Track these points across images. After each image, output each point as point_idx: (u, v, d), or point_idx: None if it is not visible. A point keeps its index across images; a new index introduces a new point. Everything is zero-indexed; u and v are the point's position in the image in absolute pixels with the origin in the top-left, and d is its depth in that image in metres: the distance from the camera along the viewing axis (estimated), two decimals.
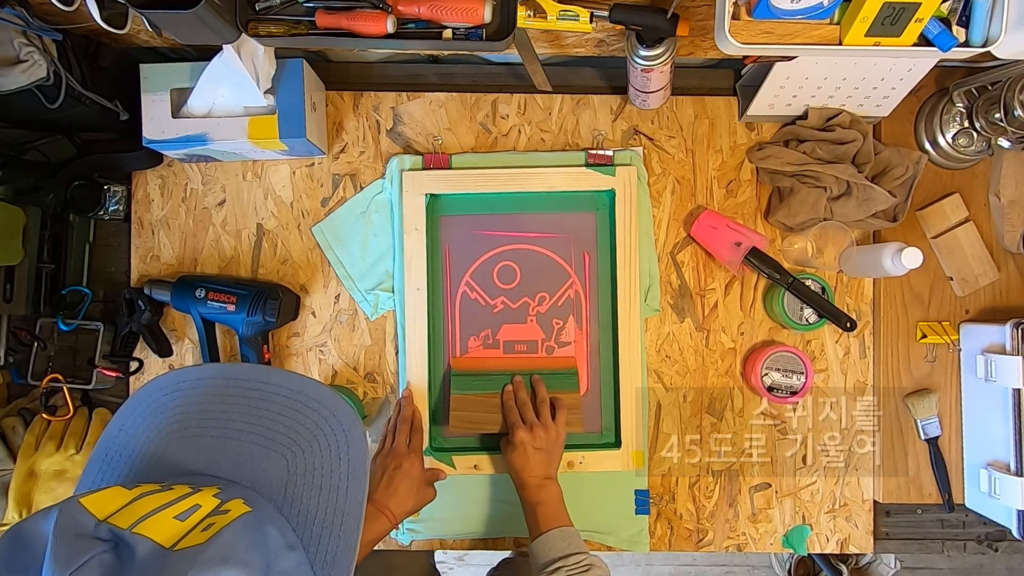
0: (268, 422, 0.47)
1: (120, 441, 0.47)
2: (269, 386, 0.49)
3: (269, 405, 0.48)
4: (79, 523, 0.35)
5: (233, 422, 0.47)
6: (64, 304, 0.94)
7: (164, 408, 0.48)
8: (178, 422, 0.47)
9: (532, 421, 0.87)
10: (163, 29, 0.73)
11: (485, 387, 0.93)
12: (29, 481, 0.85)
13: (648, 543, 0.96)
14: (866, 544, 0.97)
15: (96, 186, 0.92)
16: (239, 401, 0.48)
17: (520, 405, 0.90)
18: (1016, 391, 0.86)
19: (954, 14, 0.70)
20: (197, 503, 0.39)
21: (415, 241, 0.94)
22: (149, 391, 0.50)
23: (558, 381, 0.94)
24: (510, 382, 0.93)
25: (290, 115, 0.86)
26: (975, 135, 0.92)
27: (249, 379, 0.49)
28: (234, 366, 0.51)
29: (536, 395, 0.92)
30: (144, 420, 0.48)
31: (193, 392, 0.49)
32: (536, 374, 0.94)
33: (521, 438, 0.85)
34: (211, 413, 0.48)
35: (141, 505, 0.37)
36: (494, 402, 0.92)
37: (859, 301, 0.97)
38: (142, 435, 0.47)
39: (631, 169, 0.94)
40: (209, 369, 0.52)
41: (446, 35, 0.75)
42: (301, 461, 0.46)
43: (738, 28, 0.69)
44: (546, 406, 0.90)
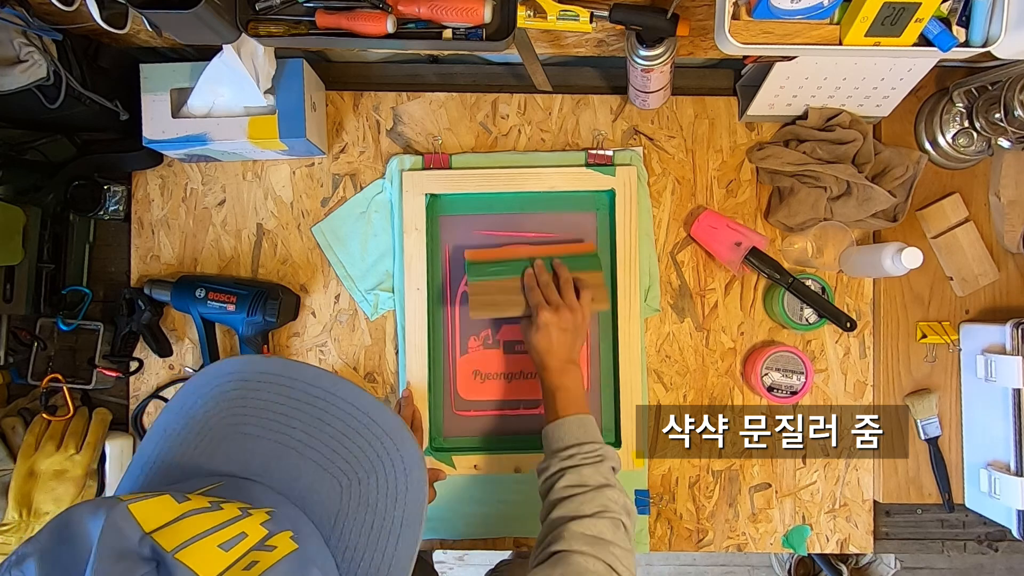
0: (328, 438, 0.44)
1: (179, 422, 0.45)
2: (335, 398, 0.46)
3: (332, 420, 0.45)
4: (124, 536, 0.33)
5: (293, 429, 0.44)
6: (64, 304, 0.94)
7: (225, 396, 0.46)
8: (238, 415, 0.45)
9: (557, 302, 0.84)
10: (163, 29, 0.73)
11: (504, 272, 0.90)
12: (29, 481, 0.85)
13: (648, 543, 0.96)
14: (866, 544, 0.97)
15: (96, 186, 0.92)
16: (302, 408, 0.45)
17: (543, 286, 0.86)
18: (1016, 391, 0.86)
19: (954, 14, 0.70)
20: (244, 531, 0.37)
21: (415, 241, 0.94)
22: (211, 376, 0.47)
23: (579, 262, 0.91)
24: (530, 266, 0.90)
25: (290, 115, 0.86)
26: (975, 135, 0.92)
27: (315, 384, 0.46)
28: (300, 365, 0.48)
29: (558, 276, 0.88)
30: (204, 404, 0.46)
31: (257, 387, 0.46)
32: (556, 258, 0.91)
33: (546, 319, 0.82)
34: (272, 414, 0.45)
35: (188, 525, 0.35)
36: (515, 285, 0.89)
37: (859, 301, 0.97)
38: (200, 419, 0.45)
39: (631, 169, 0.94)
40: (275, 364, 0.48)
41: (446, 35, 0.75)
42: (356, 492, 0.43)
43: (738, 28, 0.69)
44: (570, 286, 0.86)
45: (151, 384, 0.96)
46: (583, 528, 0.65)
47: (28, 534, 0.84)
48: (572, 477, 0.70)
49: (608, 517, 0.67)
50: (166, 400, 0.96)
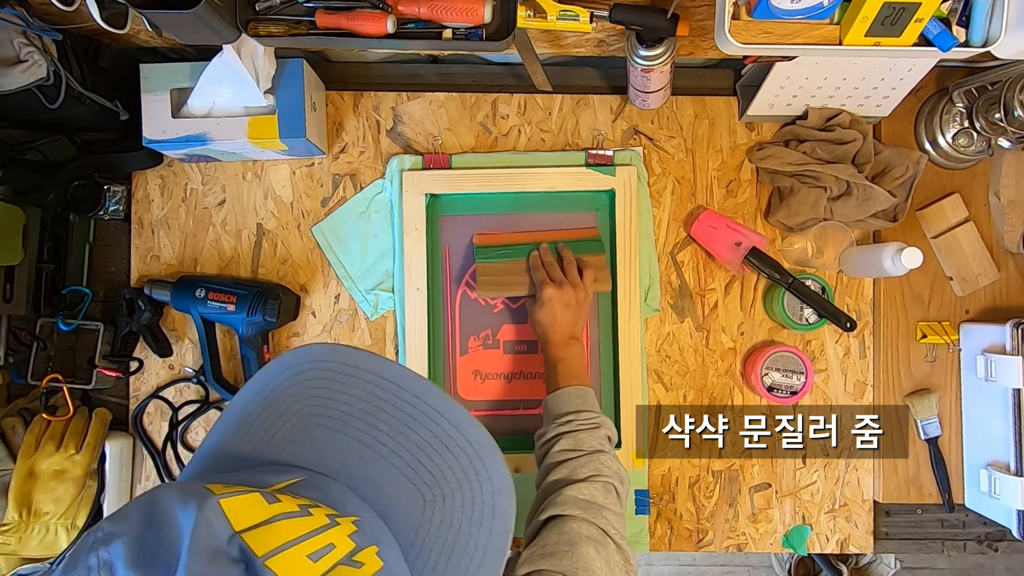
0: (414, 447, 0.42)
1: (259, 403, 0.44)
2: (424, 405, 0.43)
3: (419, 428, 0.43)
4: (215, 533, 0.32)
5: (378, 432, 0.42)
6: (64, 304, 0.94)
7: (310, 383, 0.44)
8: (322, 406, 0.43)
9: (560, 279, 0.87)
10: (163, 29, 0.73)
11: (510, 255, 0.93)
12: (29, 481, 0.85)
13: (648, 543, 0.96)
14: (866, 544, 0.97)
15: (96, 186, 0.92)
16: (389, 410, 0.43)
17: (547, 266, 0.90)
18: (1016, 391, 0.86)
19: (954, 14, 0.70)
20: (332, 542, 0.35)
21: (415, 241, 0.94)
22: (299, 358, 0.45)
23: (583, 246, 0.94)
24: (535, 249, 0.93)
25: (290, 115, 0.86)
26: (975, 135, 0.92)
27: (404, 387, 0.44)
28: (390, 364, 0.45)
29: (562, 257, 0.92)
30: (288, 388, 0.44)
31: (343, 380, 0.44)
32: (561, 242, 0.94)
33: (550, 294, 0.85)
34: (357, 412, 0.43)
35: (278, 530, 0.34)
36: (520, 267, 0.92)
37: (859, 301, 0.97)
38: (283, 403, 0.43)
39: (631, 169, 0.94)
40: (364, 358, 0.45)
41: (446, 35, 0.75)
42: (440, 509, 0.41)
43: (738, 28, 0.69)
44: (573, 266, 0.90)
45: (151, 384, 0.96)
46: (576, 492, 0.66)
47: (28, 534, 0.84)
48: (568, 441, 0.72)
49: (601, 481, 0.68)
50: (166, 400, 0.96)
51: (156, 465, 0.95)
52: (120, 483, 0.93)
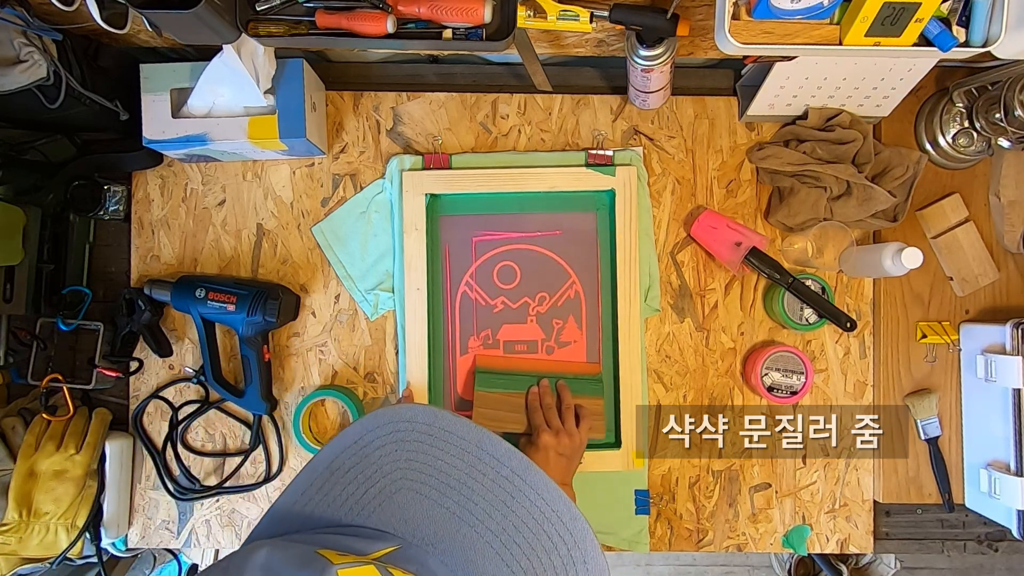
0: (510, 526, 0.40)
1: (351, 457, 0.42)
2: (523, 484, 0.42)
3: (517, 507, 0.41)
4: None
5: (474, 505, 0.41)
6: (64, 304, 0.93)
7: (406, 445, 0.42)
8: (416, 471, 0.41)
9: (558, 427, 0.87)
10: (163, 29, 0.73)
11: (510, 386, 0.93)
12: (29, 481, 0.85)
13: (648, 543, 0.96)
14: (866, 544, 0.97)
15: (96, 186, 0.92)
16: (487, 484, 0.41)
17: (545, 409, 0.90)
18: (1016, 391, 0.86)
19: (954, 14, 0.70)
20: None
21: (415, 241, 0.94)
22: (397, 417, 0.43)
23: (583, 386, 0.94)
24: (535, 384, 0.94)
25: (290, 115, 0.86)
26: (975, 135, 0.92)
27: (503, 462, 0.42)
28: (491, 436, 0.43)
29: (561, 400, 0.92)
30: (383, 445, 0.42)
31: (441, 446, 0.42)
32: (561, 379, 0.94)
33: (546, 442, 0.85)
34: (454, 482, 0.41)
35: None
36: (518, 402, 0.93)
37: (859, 301, 0.97)
38: (375, 461, 0.41)
39: (631, 169, 0.94)
40: (464, 427, 0.44)
41: (446, 35, 0.75)
42: None
43: (738, 28, 0.69)
44: (571, 412, 0.90)
45: (151, 384, 0.96)
46: None
47: (28, 534, 0.84)
48: None
49: None
50: (166, 400, 0.96)
51: (156, 465, 0.95)
52: (120, 483, 0.93)
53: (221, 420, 0.97)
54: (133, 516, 0.96)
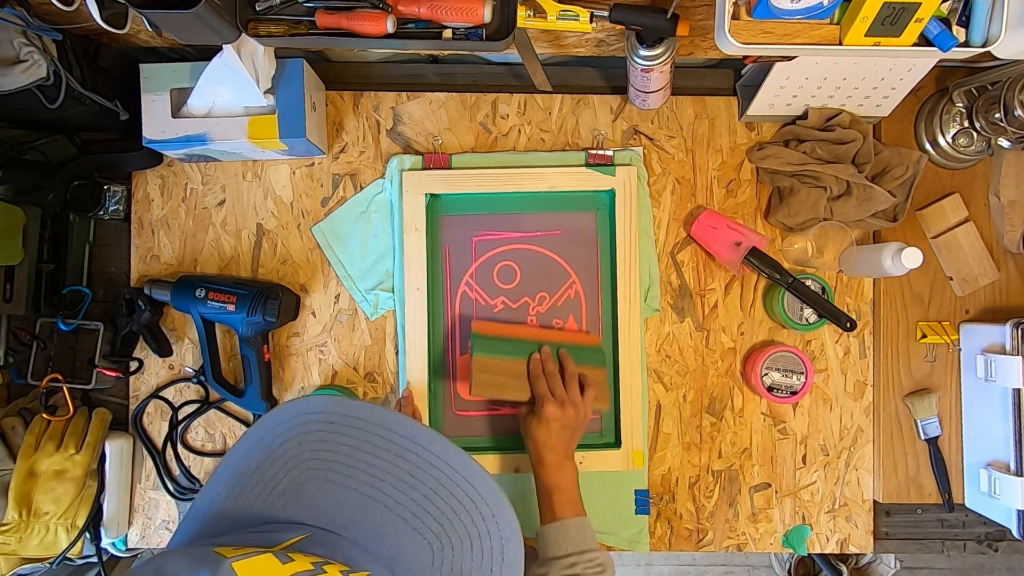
0: (419, 496, 0.42)
1: (256, 457, 0.43)
2: (428, 454, 0.43)
3: (424, 477, 0.42)
4: None
5: (382, 483, 0.42)
6: (64, 304, 0.94)
7: (309, 437, 0.43)
8: (322, 460, 0.42)
9: (563, 397, 0.84)
10: (163, 29, 0.73)
11: (510, 353, 0.90)
12: (29, 481, 0.85)
13: (648, 543, 0.96)
14: (866, 544, 0.97)
15: (96, 186, 0.92)
16: (393, 460, 0.43)
17: (548, 376, 0.86)
18: (1016, 391, 0.86)
19: (954, 14, 0.70)
20: None
21: (415, 241, 0.94)
22: (295, 412, 0.44)
23: (585, 355, 0.91)
24: (536, 351, 0.90)
25: (290, 115, 0.86)
26: (975, 135, 0.92)
27: (407, 436, 0.44)
28: (393, 415, 0.45)
29: (564, 368, 0.88)
30: (285, 441, 0.43)
31: (344, 431, 0.43)
32: (563, 347, 0.91)
33: (551, 412, 0.82)
34: (359, 463, 0.42)
35: None
36: (520, 369, 0.88)
37: (859, 301, 0.97)
38: (281, 457, 0.42)
39: (631, 169, 0.94)
40: (363, 409, 0.45)
41: (446, 35, 0.75)
42: (449, 557, 0.41)
43: (738, 28, 0.69)
44: (575, 382, 0.86)
45: (151, 384, 0.96)
46: None
47: (28, 534, 0.84)
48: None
49: None
50: (166, 400, 0.96)
51: (156, 465, 0.96)
52: (120, 483, 0.93)
53: (221, 420, 0.97)
54: (133, 516, 0.96)
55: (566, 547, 0.74)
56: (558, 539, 0.75)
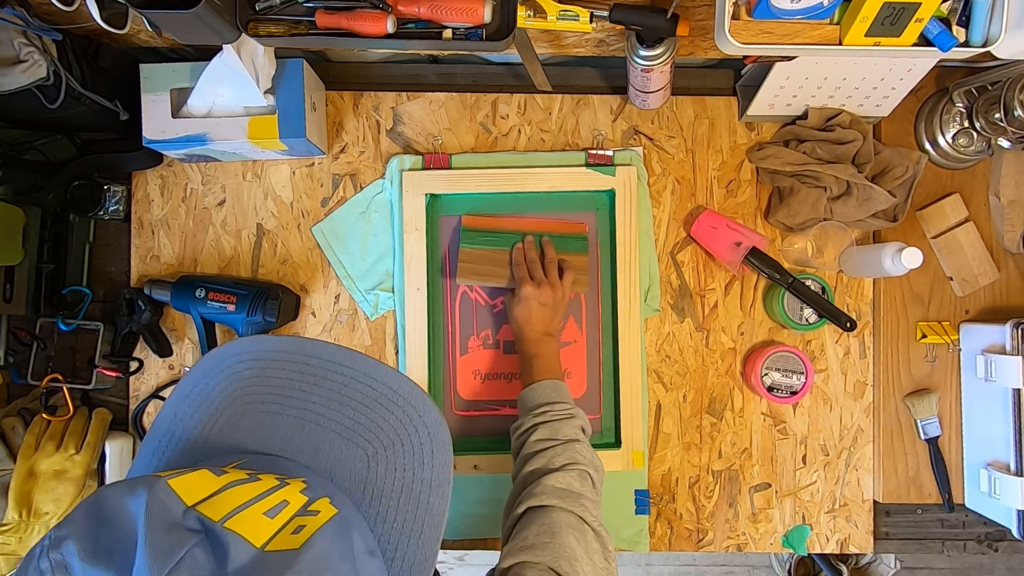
0: (350, 411, 0.45)
1: (192, 403, 0.45)
2: (353, 372, 0.46)
3: (351, 392, 0.46)
4: (169, 509, 0.33)
5: (313, 404, 0.45)
6: (64, 304, 0.94)
7: (239, 376, 0.46)
8: (254, 394, 0.45)
9: (540, 278, 0.89)
10: (163, 29, 0.73)
11: (495, 243, 0.94)
12: (29, 481, 0.85)
13: (648, 543, 0.96)
14: (866, 544, 0.97)
15: (96, 186, 0.92)
16: (320, 383, 0.46)
17: (529, 263, 0.92)
18: (1016, 391, 0.86)
19: (954, 14, 0.70)
20: (285, 499, 0.37)
21: (415, 241, 0.94)
22: (223, 356, 0.47)
23: (567, 243, 0.95)
24: (520, 241, 0.94)
25: (290, 115, 0.86)
26: (975, 135, 0.92)
27: (332, 360, 0.47)
28: (316, 343, 0.48)
29: (544, 255, 0.93)
30: (218, 384, 0.45)
31: (271, 365, 0.46)
32: (546, 236, 0.95)
33: (528, 292, 0.87)
34: (289, 391, 0.45)
35: (230, 496, 0.36)
36: (503, 258, 0.94)
37: (859, 301, 0.97)
38: (215, 399, 0.45)
39: (631, 169, 0.94)
40: (287, 342, 0.48)
41: (446, 35, 0.75)
42: (383, 459, 0.44)
43: (738, 28, 0.69)
44: (554, 266, 0.91)
45: (151, 384, 0.96)
46: (554, 481, 0.68)
47: (28, 534, 0.84)
48: (544, 431, 0.75)
49: (577, 469, 0.70)
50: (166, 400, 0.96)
51: None
52: None
53: None
54: None
55: (540, 400, 0.79)
56: (533, 396, 0.80)
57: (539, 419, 0.76)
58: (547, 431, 0.74)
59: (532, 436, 0.75)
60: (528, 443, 0.74)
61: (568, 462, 0.70)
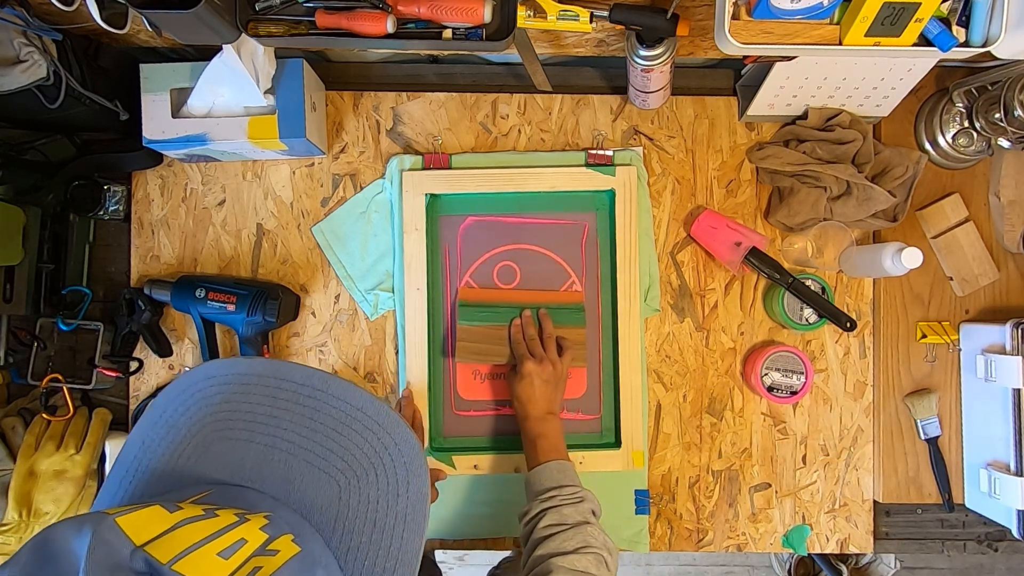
0: (321, 438, 0.43)
1: (159, 431, 0.43)
2: (326, 396, 0.44)
3: (324, 418, 0.43)
4: (114, 550, 0.31)
5: (283, 431, 0.42)
6: (64, 304, 0.94)
7: (209, 401, 0.44)
8: (224, 420, 0.43)
9: (540, 355, 0.89)
10: (163, 29, 0.73)
11: (492, 319, 0.94)
12: (29, 481, 0.85)
13: (648, 543, 0.96)
14: (866, 544, 0.97)
15: (96, 186, 0.92)
16: (291, 408, 0.43)
17: (528, 340, 0.91)
18: (1016, 391, 0.86)
19: (954, 14, 0.70)
20: (243, 537, 0.35)
21: (415, 241, 0.94)
22: (194, 379, 0.45)
23: (565, 316, 0.95)
24: (517, 316, 0.94)
25: (290, 115, 0.86)
26: (975, 135, 0.92)
27: (304, 384, 0.45)
28: (289, 365, 0.46)
29: (543, 330, 0.93)
30: (187, 410, 0.44)
31: (242, 388, 0.44)
32: (543, 308, 0.95)
33: (529, 369, 0.86)
34: (260, 416, 0.43)
35: (183, 534, 0.33)
36: (501, 335, 0.94)
37: (859, 301, 0.97)
38: (184, 426, 0.43)
39: (631, 169, 0.94)
40: (260, 364, 0.46)
41: (446, 35, 0.75)
42: (355, 490, 0.41)
43: (738, 28, 0.69)
44: (552, 341, 0.92)
45: (151, 384, 0.96)
46: (567, 563, 0.66)
47: (28, 534, 0.84)
48: (553, 516, 0.72)
49: (591, 552, 0.68)
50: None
51: None
52: None
53: None
54: None
55: (547, 484, 0.77)
56: (540, 479, 0.78)
57: (547, 504, 0.74)
58: (556, 516, 0.72)
59: (541, 522, 0.72)
60: (537, 529, 0.72)
61: (581, 545, 0.68)
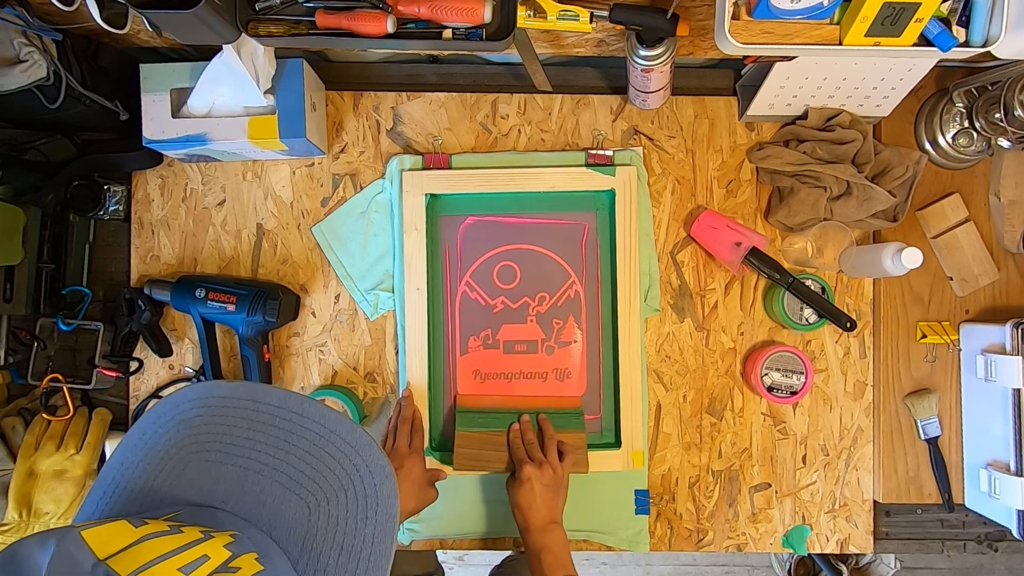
0: (295, 459, 0.44)
1: (139, 450, 0.44)
2: (301, 419, 0.45)
3: (298, 440, 0.44)
4: (76, 563, 0.32)
5: (258, 453, 0.43)
6: (64, 304, 0.94)
7: (188, 423, 0.45)
8: (200, 442, 0.44)
9: (540, 459, 0.86)
10: (163, 29, 0.73)
11: (491, 424, 0.92)
12: (29, 481, 0.85)
13: (648, 543, 0.96)
14: (866, 544, 0.97)
15: (96, 186, 0.93)
16: (267, 430, 0.45)
17: (527, 444, 0.89)
18: (1016, 391, 0.86)
19: (954, 14, 0.70)
20: (205, 553, 0.35)
21: (415, 241, 0.94)
22: (174, 402, 0.46)
23: (564, 420, 0.93)
24: (516, 421, 0.92)
25: (290, 115, 0.86)
26: (975, 135, 0.92)
27: (281, 407, 0.46)
28: (267, 389, 0.47)
29: (543, 433, 0.91)
30: (167, 431, 0.45)
31: (220, 412, 0.45)
32: (542, 413, 0.93)
33: (529, 473, 0.83)
34: (236, 439, 0.44)
35: (146, 549, 0.34)
36: (500, 440, 0.91)
37: (859, 301, 0.97)
38: (162, 447, 0.44)
39: (631, 169, 0.94)
40: (240, 388, 0.47)
41: (446, 35, 0.75)
42: (324, 512, 0.42)
43: (738, 28, 0.69)
44: (554, 444, 0.89)
45: (151, 384, 0.96)
46: None
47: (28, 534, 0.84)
48: None
49: None
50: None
51: None
52: None
53: None
54: None
55: None
56: None
57: None
58: None
59: None
60: None
61: None
